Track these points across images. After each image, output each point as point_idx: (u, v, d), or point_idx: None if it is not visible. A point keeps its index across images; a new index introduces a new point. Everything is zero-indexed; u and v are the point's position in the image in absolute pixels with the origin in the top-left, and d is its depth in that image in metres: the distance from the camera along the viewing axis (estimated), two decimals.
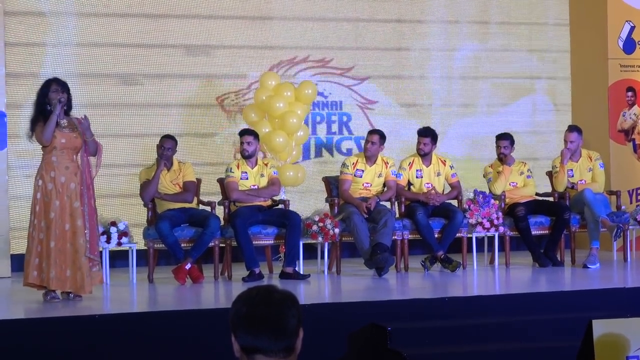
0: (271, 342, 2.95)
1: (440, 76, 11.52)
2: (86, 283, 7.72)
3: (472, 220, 9.60)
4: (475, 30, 11.64)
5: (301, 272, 9.15)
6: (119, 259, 9.66)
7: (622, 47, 11.26)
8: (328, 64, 11.16)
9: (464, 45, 11.59)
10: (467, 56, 11.60)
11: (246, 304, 2.99)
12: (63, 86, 7.87)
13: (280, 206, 9.58)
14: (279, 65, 10.96)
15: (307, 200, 10.88)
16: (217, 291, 8.79)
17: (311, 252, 9.79)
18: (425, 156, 9.93)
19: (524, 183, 10.24)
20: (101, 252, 8.38)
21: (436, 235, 9.58)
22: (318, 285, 8.96)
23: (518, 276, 9.40)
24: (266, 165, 9.59)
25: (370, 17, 11.30)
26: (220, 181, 9.71)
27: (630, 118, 11.31)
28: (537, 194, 10.33)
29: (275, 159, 10.14)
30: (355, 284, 8.97)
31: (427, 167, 9.96)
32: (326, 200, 9.99)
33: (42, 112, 7.80)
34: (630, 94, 11.30)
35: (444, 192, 10.00)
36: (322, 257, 9.43)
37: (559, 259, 9.83)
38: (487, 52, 11.65)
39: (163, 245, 9.01)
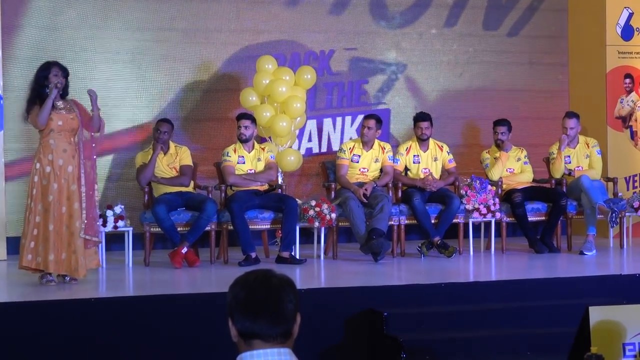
0: (269, 327, 2.94)
1: (436, 61, 11.48)
2: (80, 266, 7.70)
3: (469, 206, 9.60)
4: (473, 15, 11.58)
5: (297, 257, 9.15)
6: (115, 242, 9.65)
7: (620, 33, 11.24)
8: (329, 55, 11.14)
9: (461, 29, 11.55)
10: (464, 41, 11.55)
11: (244, 289, 2.97)
12: (63, 71, 7.85)
13: (278, 191, 9.57)
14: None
15: (304, 185, 10.88)
16: (213, 275, 8.79)
17: (308, 237, 9.78)
18: (424, 141, 9.93)
19: (521, 169, 10.25)
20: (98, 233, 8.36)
21: (433, 221, 9.58)
22: (314, 270, 8.96)
23: (514, 262, 9.41)
24: (263, 149, 9.58)
25: (368, 0, 11.25)
26: (217, 165, 9.70)
27: (628, 105, 11.30)
28: (534, 180, 10.33)
29: (274, 143, 10.12)
30: (351, 269, 8.97)
31: (424, 152, 9.97)
32: (323, 185, 9.99)
33: (39, 95, 7.78)
34: (628, 80, 11.28)
35: (441, 178, 10.00)
36: (319, 241, 9.42)
37: (555, 245, 9.83)
38: (484, 37, 11.61)
39: (159, 229, 9.01)
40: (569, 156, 10.24)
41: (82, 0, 10.32)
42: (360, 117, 10.73)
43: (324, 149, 11.07)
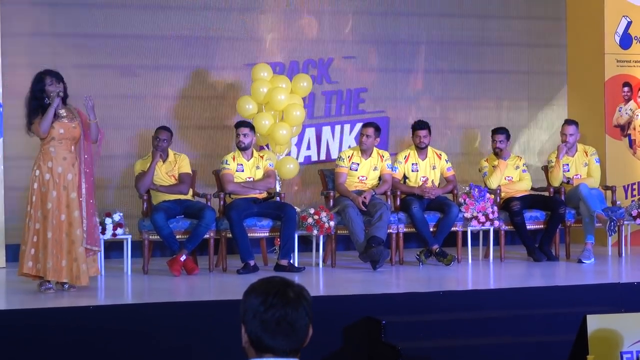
0: (284, 345, 2.97)
1: (435, 70, 11.49)
2: (82, 274, 7.71)
3: (468, 214, 9.61)
4: (473, 23, 11.60)
5: (296, 265, 9.15)
6: (113, 250, 9.66)
7: (618, 42, 11.25)
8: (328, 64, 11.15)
9: (461, 38, 11.57)
10: (463, 50, 11.57)
11: (263, 304, 2.98)
12: (57, 77, 7.84)
13: (276, 199, 9.58)
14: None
15: (302, 193, 10.89)
16: (211, 283, 8.79)
17: (306, 245, 9.78)
18: (423, 149, 9.95)
19: (519, 177, 10.26)
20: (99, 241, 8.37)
21: (431, 229, 9.59)
22: (313, 278, 8.96)
23: (513, 270, 9.41)
24: (262, 157, 9.59)
25: (367, 10, 11.26)
26: (216, 173, 9.71)
27: (626, 113, 11.31)
28: (532, 189, 10.34)
29: (273, 151, 10.12)
30: (350, 277, 8.97)
31: (423, 160, 9.98)
32: (322, 193, 9.99)
33: (41, 105, 7.77)
34: (626, 89, 11.29)
35: (440, 186, 10.01)
36: (317, 249, 9.43)
37: (553, 253, 9.83)
38: (483, 46, 11.63)
39: (158, 237, 9.01)
40: (568, 164, 10.26)
41: (80, 8, 10.34)
42: (358, 125, 10.74)
43: (322, 157, 11.08)
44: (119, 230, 8.92)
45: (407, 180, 10.00)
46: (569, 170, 10.26)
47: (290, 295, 3.00)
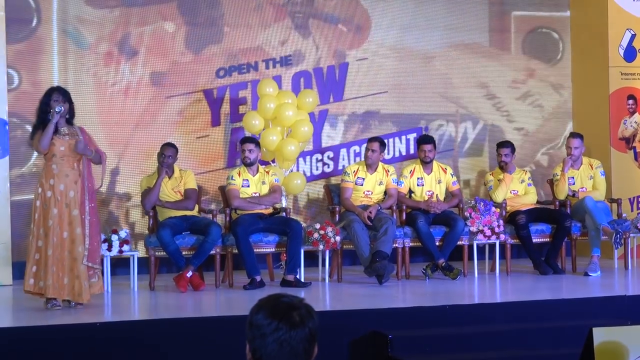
0: None
1: (438, 83, 11.50)
2: (84, 291, 7.71)
3: (473, 228, 9.61)
4: (476, 36, 11.63)
5: (302, 280, 9.16)
6: (120, 266, 9.66)
7: (622, 55, 11.27)
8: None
9: (463, 51, 11.59)
10: (467, 63, 11.59)
11: (269, 327, 2.98)
12: (64, 95, 7.88)
13: (282, 214, 9.60)
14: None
15: (308, 208, 10.90)
16: (218, 299, 8.80)
17: (312, 260, 9.79)
18: (428, 163, 9.96)
19: (524, 191, 10.26)
20: (102, 260, 8.38)
21: (437, 243, 9.59)
22: (319, 293, 8.96)
23: (519, 284, 9.40)
24: (267, 172, 9.61)
25: (372, 24, 11.29)
26: (222, 189, 9.73)
27: (631, 126, 11.31)
28: (538, 202, 10.34)
29: (280, 167, 10.13)
30: (356, 292, 8.97)
31: (428, 174, 9.99)
32: (327, 208, 10.01)
33: (43, 121, 7.82)
34: (631, 101, 11.30)
35: (445, 200, 10.02)
36: (323, 264, 9.44)
37: (560, 266, 9.83)
38: (487, 59, 11.65)
39: (164, 253, 9.02)
40: (573, 177, 10.27)
41: (86, 26, 10.37)
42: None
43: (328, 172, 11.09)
44: (125, 247, 8.94)
45: (412, 195, 10.01)
46: (574, 184, 10.26)
47: (296, 320, 2.99)
